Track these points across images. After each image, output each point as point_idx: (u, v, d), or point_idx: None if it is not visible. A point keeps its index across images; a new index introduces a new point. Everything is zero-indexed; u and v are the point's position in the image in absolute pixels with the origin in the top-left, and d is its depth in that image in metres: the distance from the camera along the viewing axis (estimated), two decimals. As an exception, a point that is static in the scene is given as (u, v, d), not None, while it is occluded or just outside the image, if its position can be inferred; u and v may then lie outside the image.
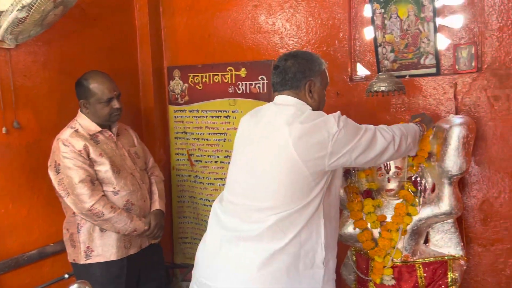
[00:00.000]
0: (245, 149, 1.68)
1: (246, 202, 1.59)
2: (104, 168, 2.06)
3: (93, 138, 2.08)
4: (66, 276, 2.27)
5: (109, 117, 2.12)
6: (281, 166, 1.52)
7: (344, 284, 2.31)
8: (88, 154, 2.03)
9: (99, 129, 2.11)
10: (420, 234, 2.03)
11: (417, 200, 1.98)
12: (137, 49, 2.89)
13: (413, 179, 2.01)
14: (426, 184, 2.02)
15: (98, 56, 2.60)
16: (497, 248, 2.15)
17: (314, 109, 1.63)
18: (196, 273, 1.69)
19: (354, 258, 2.17)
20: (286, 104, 1.62)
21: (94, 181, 2.03)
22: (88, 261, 2.05)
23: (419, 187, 2.00)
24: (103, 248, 2.06)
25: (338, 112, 1.57)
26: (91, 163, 2.03)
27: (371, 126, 1.62)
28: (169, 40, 2.93)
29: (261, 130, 1.62)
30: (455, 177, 1.92)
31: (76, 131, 2.06)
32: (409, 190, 2.00)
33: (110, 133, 2.16)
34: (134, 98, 2.88)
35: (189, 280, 1.76)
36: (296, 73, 1.62)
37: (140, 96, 2.92)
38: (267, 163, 1.55)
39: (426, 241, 2.09)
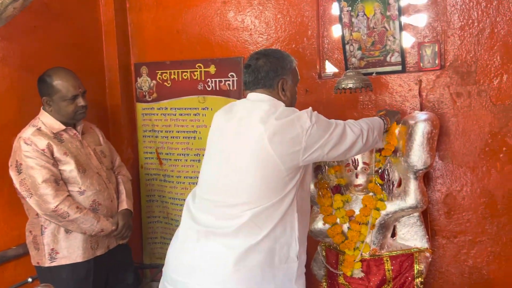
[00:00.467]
0: (219, 145, 1.68)
1: (220, 199, 1.59)
2: (69, 168, 2.00)
3: (56, 136, 2.02)
4: (30, 280, 2.21)
5: (74, 115, 2.06)
6: (256, 161, 1.53)
7: (314, 279, 2.33)
8: (51, 153, 1.97)
9: (63, 127, 2.05)
10: (388, 228, 2.08)
11: (384, 194, 2.03)
12: (103, 45, 2.82)
13: (380, 172, 2.05)
14: (393, 178, 2.07)
15: (62, 52, 2.52)
16: (460, 239, 2.23)
17: (286, 105, 1.65)
18: (168, 270, 1.66)
19: (324, 253, 2.19)
20: (259, 100, 1.64)
21: (59, 181, 1.97)
22: (53, 264, 1.99)
23: (386, 180, 2.05)
24: (69, 250, 2.01)
25: (310, 108, 1.61)
26: (55, 162, 1.98)
27: (340, 121, 1.67)
28: (136, 36, 2.88)
29: (236, 126, 1.62)
30: (420, 171, 1.98)
31: (39, 129, 2.00)
32: (376, 182, 2.04)
33: (75, 131, 2.10)
34: (100, 95, 2.80)
35: (159, 280, 1.73)
36: (268, 72, 1.64)
37: (106, 93, 2.85)
38: (242, 159, 1.56)
39: (393, 234, 2.14)
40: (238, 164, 1.57)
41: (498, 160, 2.12)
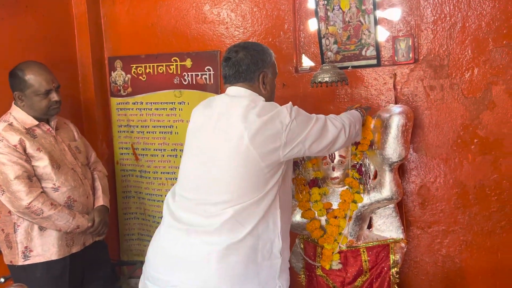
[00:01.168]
0: (198, 142, 1.65)
1: (201, 196, 1.57)
2: (42, 164, 1.96)
3: (29, 132, 1.98)
4: (2, 280, 2.15)
5: (47, 110, 2.02)
6: (237, 158, 1.51)
7: (293, 271, 2.35)
8: (24, 149, 1.93)
9: (35, 122, 2.01)
10: (364, 219, 2.12)
11: (361, 187, 2.06)
12: (75, 38, 2.76)
13: (357, 167, 2.08)
14: (369, 171, 2.10)
15: (32, 46, 2.44)
16: (434, 229, 2.29)
17: (266, 100, 1.64)
18: (149, 267, 1.64)
19: (302, 246, 2.21)
20: (239, 96, 1.62)
21: (32, 177, 1.93)
22: (27, 262, 1.95)
23: (363, 174, 2.08)
24: (43, 248, 1.97)
25: (290, 103, 1.60)
26: (28, 158, 1.93)
27: (321, 116, 1.67)
28: (110, 30, 2.82)
29: (215, 122, 1.59)
30: (395, 164, 2.01)
31: (11, 124, 1.95)
32: (354, 177, 2.07)
33: (48, 126, 2.06)
34: (73, 90, 2.74)
35: (137, 277, 1.71)
36: (249, 65, 1.62)
37: (80, 88, 2.79)
38: (222, 156, 1.54)
39: (369, 226, 2.18)
40: (218, 162, 1.55)
41: (469, 152, 2.18)
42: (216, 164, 1.55)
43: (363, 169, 2.08)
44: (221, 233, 1.50)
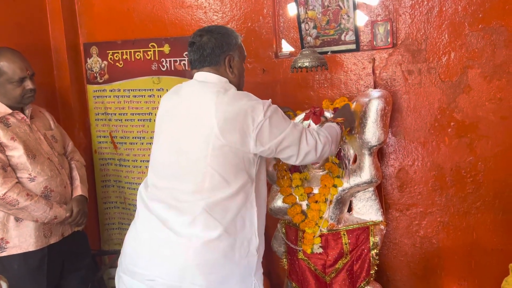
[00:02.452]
0: (169, 129, 1.61)
1: (173, 185, 1.54)
2: (17, 153, 1.91)
3: (2, 121, 1.93)
4: (-22, 272, 2.09)
5: (22, 99, 1.96)
6: (206, 149, 1.47)
7: (275, 256, 2.38)
8: (-3, 138, 1.87)
9: (9, 111, 1.96)
10: (344, 203, 2.14)
11: (341, 171, 2.08)
12: (48, 24, 2.67)
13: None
14: (349, 155, 2.12)
15: (3, 32, 2.36)
16: (412, 212, 2.33)
17: (235, 84, 1.61)
18: (125, 261, 1.62)
19: (284, 230, 2.23)
20: (208, 81, 1.58)
21: (6, 168, 1.88)
22: (3, 254, 1.92)
23: (343, 159, 2.10)
24: (20, 239, 1.93)
25: (269, 100, 1.55)
26: (2, 148, 1.89)
27: (299, 126, 1.62)
28: (85, 15, 2.74)
29: (185, 109, 1.56)
30: (374, 147, 2.03)
31: (-17, 113, 1.89)
32: (333, 162, 2.08)
33: (22, 115, 2.00)
34: (47, 77, 2.66)
35: (118, 267, 1.70)
36: (214, 49, 1.58)
37: (55, 75, 2.72)
38: (192, 145, 1.51)
39: (350, 209, 2.21)
40: (187, 151, 1.51)
41: (446, 135, 2.22)
42: (185, 153, 1.52)
43: (342, 153, 2.10)
44: (196, 227, 1.47)
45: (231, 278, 1.52)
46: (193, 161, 1.50)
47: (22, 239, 1.93)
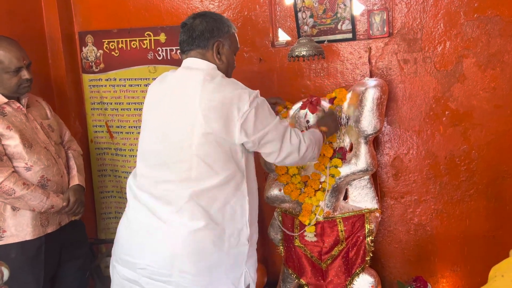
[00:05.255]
0: (155, 119, 1.60)
1: (160, 174, 1.54)
2: (13, 143, 1.90)
3: (-2, 110, 1.90)
4: (-24, 261, 2.09)
5: (18, 88, 1.95)
6: (190, 136, 1.46)
7: (271, 243, 2.40)
8: (-8, 128, 1.86)
9: (5, 100, 1.94)
10: (340, 191, 2.16)
11: (336, 159, 2.09)
12: (43, 12, 2.64)
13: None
14: (345, 144, 2.14)
15: (-4, 20, 2.33)
16: (407, 199, 2.37)
17: (222, 72, 1.59)
18: (117, 250, 1.63)
19: (280, 218, 2.25)
20: (195, 68, 1.56)
21: (2, 157, 1.88)
22: (1, 243, 1.91)
23: (336, 148, 2.12)
24: (17, 228, 1.93)
25: (257, 91, 1.52)
26: (-2, 137, 1.87)
27: (285, 122, 1.62)
28: (80, 3, 2.72)
29: (170, 97, 1.55)
30: (370, 136, 2.05)
31: (-22, 102, 1.87)
32: (328, 142, 2.11)
33: (18, 104, 1.99)
34: (42, 66, 2.64)
35: (115, 255, 1.71)
36: (203, 32, 1.57)
37: (50, 64, 2.69)
38: (178, 133, 1.50)
39: (345, 197, 2.23)
40: (173, 139, 1.51)
41: (441, 124, 2.25)
42: (171, 142, 1.51)
43: (338, 141, 2.11)
44: (183, 215, 1.47)
45: (220, 266, 1.53)
46: (179, 150, 1.49)
47: (19, 228, 1.93)
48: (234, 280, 1.56)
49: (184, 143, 1.48)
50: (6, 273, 1.22)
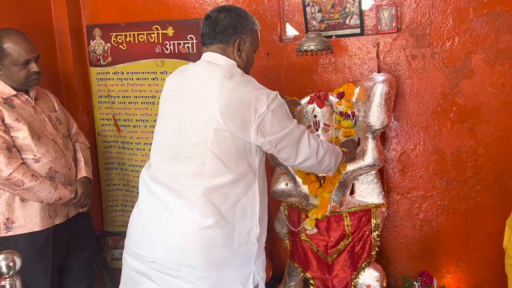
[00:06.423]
0: (172, 110, 1.59)
1: (174, 168, 1.54)
2: (22, 134, 1.91)
3: (7, 102, 1.92)
4: (-15, 251, 2.11)
5: (26, 81, 1.96)
6: (207, 133, 1.46)
7: (277, 237, 2.41)
8: (2, 119, 1.87)
9: (14, 92, 1.95)
10: (347, 186, 2.17)
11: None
12: (51, 5, 2.65)
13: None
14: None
15: (6, 13, 2.33)
16: (413, 195, 2.37)
17: (242, 69, 1.58)
18: (128, 243, 1.64)
19: (286, 212, 2.26)
20: (214, 63, 1.55)
21: (11, 148, 1.89)
22: (9, 234, 1.93)
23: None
24: (25, 219, 1.94)
25: (276, 92, 1.50)
26: (7, 129, 1.88)
27: (302, 127, 1.60)
28: (87, -4, 2.73)
29: (188, 90, 1.54)
30: (378, 131, 2.05)
31: (-13, 95, 1.88)
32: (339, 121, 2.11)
33: (27, 97, 2.00)
34: (50, 59, 2.65)
35: (122, 248, 1.72)
36: (227, 27, 1.56)
37: (58, 57, 2.70)
38: (194, 127, 1.49)
39: (352, 192, 2.24)
40: (189, 133, 1.50)
41: (448, 120, 2.25)
42: (187, 136, 1.50)
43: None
44: (194, 211, 1.47)
45: (229, 264, 1.52)
46: (194, 144, 1.49)
47: (28, 219, 1.95)
48: (242, 279, 1.56)
49: (199, 138, 1.47)
50: (18, 262, 1.22)
